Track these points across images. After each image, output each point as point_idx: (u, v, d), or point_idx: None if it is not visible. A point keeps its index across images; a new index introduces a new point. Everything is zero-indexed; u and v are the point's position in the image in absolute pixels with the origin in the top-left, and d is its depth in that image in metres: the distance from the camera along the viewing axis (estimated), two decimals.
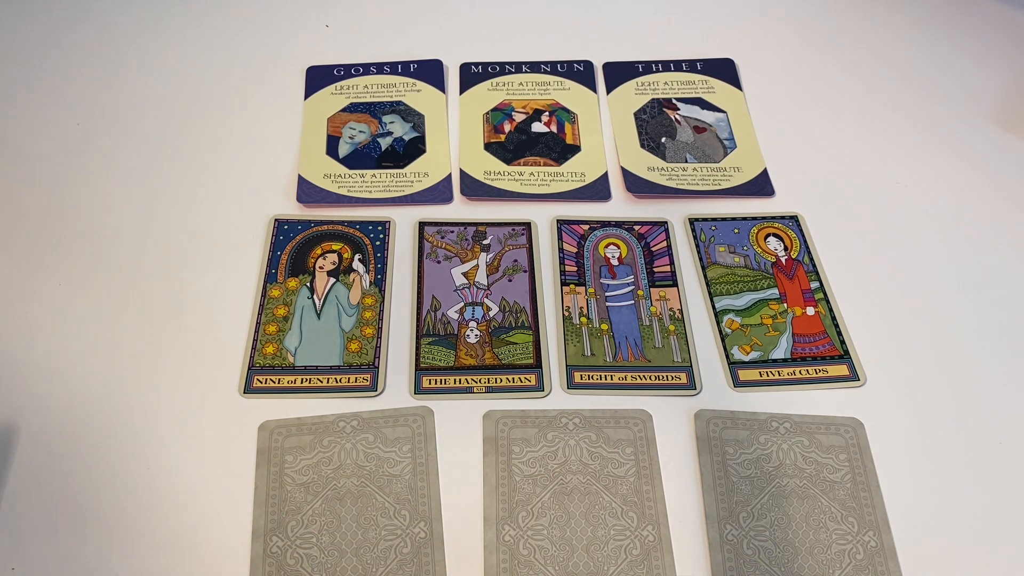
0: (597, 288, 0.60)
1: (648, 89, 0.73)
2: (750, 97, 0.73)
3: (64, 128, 0.68)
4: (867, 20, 0.80)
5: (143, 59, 0.74)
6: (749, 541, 0.48)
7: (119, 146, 0.67)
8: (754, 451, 0.52)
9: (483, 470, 0.50)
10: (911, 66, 0.76)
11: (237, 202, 0.63)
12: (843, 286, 0.60)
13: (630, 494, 0.50)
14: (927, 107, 0.72)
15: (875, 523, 0.49)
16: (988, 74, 0.75)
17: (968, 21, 0.80)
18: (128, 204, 0.63)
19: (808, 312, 0.59)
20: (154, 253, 0.60)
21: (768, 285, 0.60)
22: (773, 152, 0.68)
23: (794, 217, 0.64)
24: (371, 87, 0.72)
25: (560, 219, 0.63)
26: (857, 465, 0.51)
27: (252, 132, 0.68)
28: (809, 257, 0.62)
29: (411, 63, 0.74)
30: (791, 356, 0.56)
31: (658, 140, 0.69)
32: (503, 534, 0.48)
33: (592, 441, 0.52)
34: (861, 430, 0.53)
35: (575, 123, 0.70)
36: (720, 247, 0.62)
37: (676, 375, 0.55)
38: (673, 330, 0.57)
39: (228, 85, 0.72)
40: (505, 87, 0.73)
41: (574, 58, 0.75)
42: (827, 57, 0.76)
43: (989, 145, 0.69)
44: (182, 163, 0.66)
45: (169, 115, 0.69)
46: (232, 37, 0.76)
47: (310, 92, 0.72)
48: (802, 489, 0.50)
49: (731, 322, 0.58)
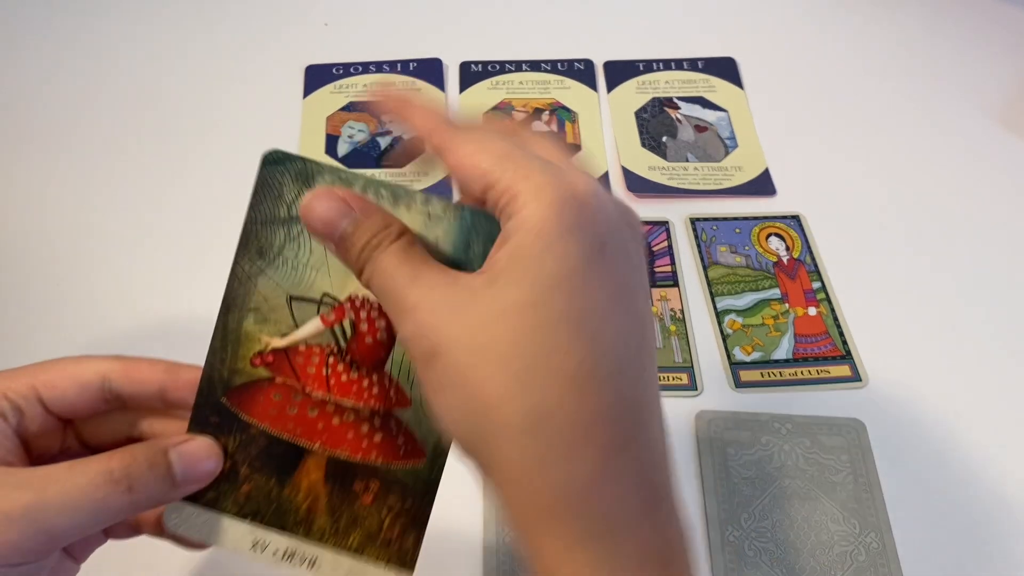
0: None
1: (649, 88, 0.73)
2: (752, 96, 0.73)
3: (62, 127, 0.68)
4: (869, 19, 0.80)
5: (140, 57, 0.73)
6: (751, 543, 0.48)
7: (117, 146, 0.66)
8: (755, 452, 0.51)
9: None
10: (913, 65, 0.76)
11: (236, 202, 0.63)
12: (845, 286, 0.60)
13: None
14: (929, 106, 0.72)
15: (877, 524, 0.49)
16: (991, 73, 0.75)
17: (971, 20, 0.80)
18: (127, 204, 0.63)
19: (810, 312, 0.58)
20: (153, 252, 0.60)
21: (770, 285, 0.60)
22: (775, 151, 0.68)
23: (796, 217, 0.64)
24: (370, 86, 0.72)
25: None
26: (859, 466, 0.51)
27: (250, 131, 0.68)
28: (811, 257, 0.62)
29: (410, 62, 0.74)
30: (793, 356, 0.56)
31: (659, 139, 0.69)
32: (504, 535, 0.48)
33: None
34: (863, 431, 0.52)
35: (575, 122, 0.70)
36: (721, 247, 0.62)
37: (677, 376, 0.55)
38: (674, 330, 0.57)
39: (226, 84, 0.71)
40: (505, 86, 0.73)
41: (574, 57, 0.75)
42: (829, 56, 0.76)
43: (992, 145, 0.69)
44: (180, 163, 0.65)
45: (166, 114, 0.69)
46: (230, 35, 0.75)
47: (309, 91, 0.71)
48: (804, 490, 0.50)
49: (732, 322, 0.58)
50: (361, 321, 0.31)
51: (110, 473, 0.28)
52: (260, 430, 0.31)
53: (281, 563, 0.31)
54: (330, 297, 0.30)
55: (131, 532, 0.33)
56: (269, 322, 0.31)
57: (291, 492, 0.31)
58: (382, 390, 0.31)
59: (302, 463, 0.31)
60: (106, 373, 0.31)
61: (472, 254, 0.29)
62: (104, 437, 0.33)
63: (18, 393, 0.30)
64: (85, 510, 0.27)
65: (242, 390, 0.31)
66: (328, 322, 0.31)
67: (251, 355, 0.31)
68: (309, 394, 0.31)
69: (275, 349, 0.31)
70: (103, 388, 0.31)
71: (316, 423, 0.31)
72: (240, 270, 0.31)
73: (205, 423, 0.31)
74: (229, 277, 0.31)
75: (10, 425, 0.30)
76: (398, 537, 0.31)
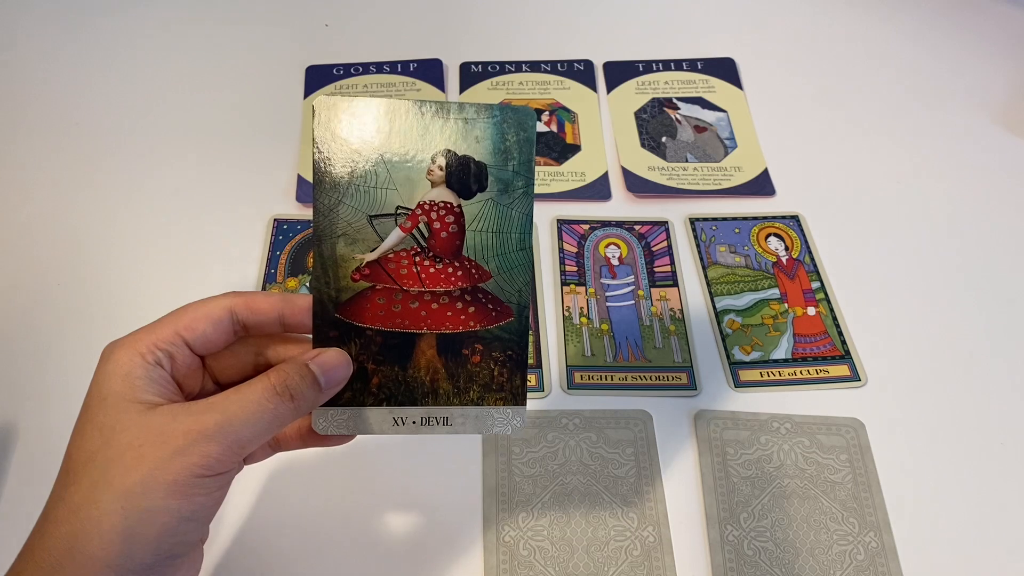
0: (597, 288, 0.59)
1: (648, 88, 0.73)
2: (751, 96, 0.73)
3: (62, 127, 0.68)
4: (868, 19, 0.80)
5: (141, 58, 0.73)
6: (750, 542, 0.48)
7: (117, 146, 0.67)
8: (755, 451, 0.51)
9: (483, 471, 0.50)
10: (912, 66, 0.76)
11: (236, 202, 0.63)
12: (844, 286, 0.60)
13: (630, 495, 0.49)
14: (928, 107, 0.72)
15: (876, 524, 0.49)
16: (989, 74, 0.75)
17: (969, 21, 0.80)
18: (126, 204, 0.63)
19: (809, 312, 0.59)
20: (153, 252, 0.60)
21: (769, 285, 0.60)
22: (774, 152, 0.68)
23: (795, 217, 0.64)
24: (371, 86, 0.72)
25: (560, 219, 0.63)
26: (858, 465, 0.51)
27: (251, 131, 0.68)
28: (810, 257, 0.62)
29: (411, 62, 0.74)
30: (792, 356, 0.56)
31: (658, 139, 0.69)
32: (503, 535, 0.48)
33: (592, 442, 0.52)
34: (862, 430, 0.52)
35: (575, 123, 0.70)
36: (721, 247, 0.62)
37: (677, 375, 0.55)
38: (674, 330, 0.57)
39: (227, 84, 0.72)
40: (505, 86, 0.73)
41: (574, 57, 0.75)
42: (828, 56, 0.76)
43: (991, 145, 0.69)
44: (180, 163, 0.66)
45: (167, 115, 0.69)
46: (231, 36, 0.76)
47: (309, 91, 0.71)
48: (803, 490, 0.50)
49: (732, 322, 0.58)
50: (434, 221, 0.36)
51: (273, 388, 0.33)
52: (375, 331, 0.36)
53: (421, 429, 0.37)
54: (403, 208, 0.36)
55: (272, 452, 0.39)
56: (358, 242, 0.36)
57: (414, 372, 0.37)
58: (465, 272, 0.37)
59: (416, 347, 0.37)
60: (231, 307, 0.36)
61: (508, 143, 0.36)
62: (233, 371, 0.37)
63: (167, 341, 0.34)
64: (264, 420, 0.33)
65: (350, 303, 0.36)
66: (406, 229, 0.36)
67: (350, 273, 0.36)
68: (407, 291, 0.37)
69: (369, 263, 0.36)
70: (232, 320, 0.36)
71: (419, 312, 0.37)
72: (321, 205, 0.35)
73: (326, 338, 0.36)
74: (313, 213, 0.35)
75: (167, 370, 0.34)
76: (508, 381, 0.37)
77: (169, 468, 0.31)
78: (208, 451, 0.31)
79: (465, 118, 0.35)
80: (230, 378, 0.37)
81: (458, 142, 0.35)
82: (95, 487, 0.31)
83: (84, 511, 0.30)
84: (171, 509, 0.31)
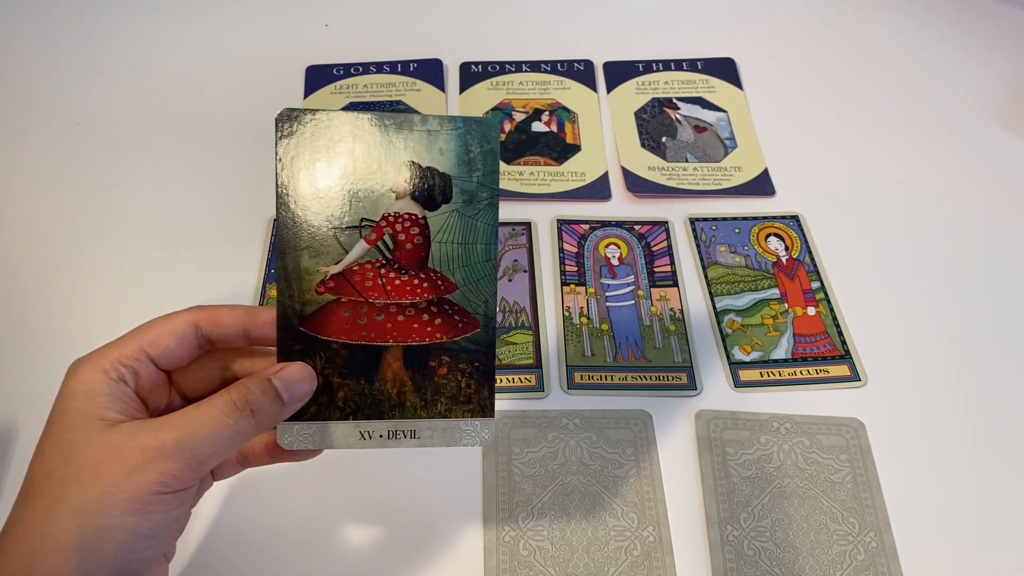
0: (597, 288, 0.59)
1: (648, 88, 0.73)
2: (751, 97, 0.73)
3: (61, 128, 0.68)
4: (868, 19, 0.80)
5: (141, 58, 0.73)
6: (750, 542, 0.48)
7: (117, 146, 0.67)
8: (755, 451, 0.51)
9: (483, 471, 0.50)
10: (912, 66, 0.76)
11: (236, 202, 0.63)
12: (844, 286, 0.60)
13: (630, 495, 0.49)
14: (928, 106, 0.72)
15: (876, 524, 0.49)
16: (989, 73, 0.75)
17: (969, 21, 0.80)
18: (125, 203, 0.63)
19: (809, 312, 0.59)
20: (153, 251, 0.60)
21: (769, 285, 0.60)
22: (774, 152, 0.68)
23: (795, 217, 0.64)
24: (371, 86, 0.72)
25: (560, 219, 0.63)
26: (858, 465, 0.51)
27: (251, 131, 0.68)
28: (810, 257, 0.62)
29: (411, 62, 0.74)
30: (792, 356, 0.56)
31: (659, 140, 0.69)
32: (503, 535, 0.48)
33: (592, 442, 0.52)
34: (862, 430, 0.52)
35: (575, 122, 0.70)
36: (721, 247, 0.62)
37: (677, 375, 0.55)
38: (673, 330, 0.57)
39: (227, 84, 0.72)
40: (505, 86, 0.73)
41: (574, 57, 0.75)
42: (828, 56, 0.76)
43: (990, 145, 0.69)
44: (180, 163, 0.66)
45: (167, 115, 0.69)
46: (231, 36, 0.76)
47: (309, 91, 0.71)
48: (803, 490, 0.50)
49: (732, 322, 0.58)
50: (399, 233, 0.36)
51: (233, 403, 0.33)
52: (340, 344, 0.36)
53: (388, 443, 0.37)
54: (368, 220, 0.36)
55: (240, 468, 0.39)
56: (322, 255, 0.36)
57: (380, 385, 0.37)
58: (431, 283, 0.37)
59: (382, 359, 0.37)
60: (195, 321, 0.35)
61: (472, 154, 0.35)
62: (200, 385, 0.37)
63: (131, 357, 0.34)
64: (224, 436, 0.32)
65: (315, 316, 0.36)
66: (371, 241, 0.36)
67: (314, 286, 0.36)
68: (373, 303, 0.36)
69: (334, 275, 0.36)
70: (197, 335, 0.35)
71: (385, 324, 0.37)
72: (285, 218, 0.35)
73: (291, 352, 0.36)
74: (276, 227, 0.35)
75: (131, 387, 0.34)
76: (475, 393, 0.37)
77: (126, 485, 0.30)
78: (166, 468, 0.31)
79: (428, 130, 0.35)
80: (197, 392, 0.37)
81: (422, 154, 0.35)
82: (53, 504, 0.30)
83: (41, 529, 0.30)
84: (128, 527, 0.30)
